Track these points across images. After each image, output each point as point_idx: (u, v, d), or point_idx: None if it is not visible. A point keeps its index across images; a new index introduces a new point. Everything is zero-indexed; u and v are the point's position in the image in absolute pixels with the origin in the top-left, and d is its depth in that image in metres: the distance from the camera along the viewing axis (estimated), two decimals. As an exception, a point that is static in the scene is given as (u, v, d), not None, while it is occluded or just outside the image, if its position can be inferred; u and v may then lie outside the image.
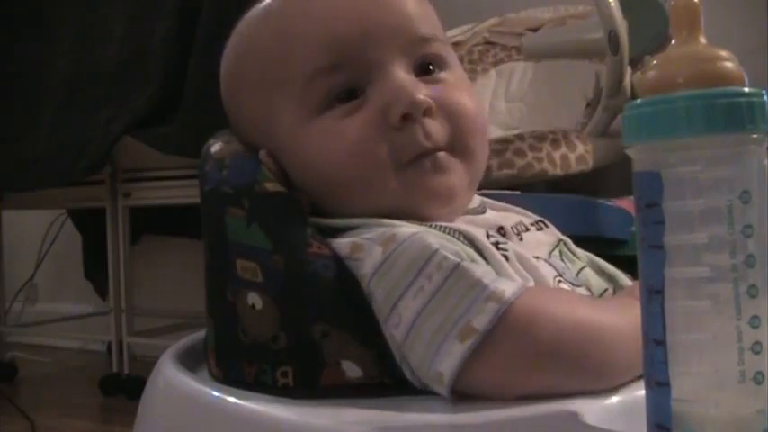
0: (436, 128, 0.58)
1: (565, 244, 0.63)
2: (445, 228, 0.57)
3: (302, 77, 0.58)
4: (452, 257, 0.50)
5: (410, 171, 0.58)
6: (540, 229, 0.63)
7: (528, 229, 0.62)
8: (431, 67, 0.61)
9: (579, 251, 0.64)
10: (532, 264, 0.57)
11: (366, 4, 0.59)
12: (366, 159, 0.57)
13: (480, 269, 0.50)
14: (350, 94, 0.58)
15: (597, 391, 0.48)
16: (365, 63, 0.58)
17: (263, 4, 0.63)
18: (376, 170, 0.57)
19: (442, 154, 0.59)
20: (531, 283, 0.55)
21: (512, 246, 0.58)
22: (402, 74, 0.58)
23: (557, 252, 0.61)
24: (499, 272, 0.53)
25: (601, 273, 0.64)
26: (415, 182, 0.58)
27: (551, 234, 0.64)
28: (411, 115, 0.57)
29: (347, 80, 0.58)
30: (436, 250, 0.50)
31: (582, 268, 0.62)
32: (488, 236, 0.58)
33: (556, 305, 0.50)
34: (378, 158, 0.57)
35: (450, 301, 0.49)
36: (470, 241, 0.56)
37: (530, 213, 0.64)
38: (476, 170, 0.62)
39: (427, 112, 0.58)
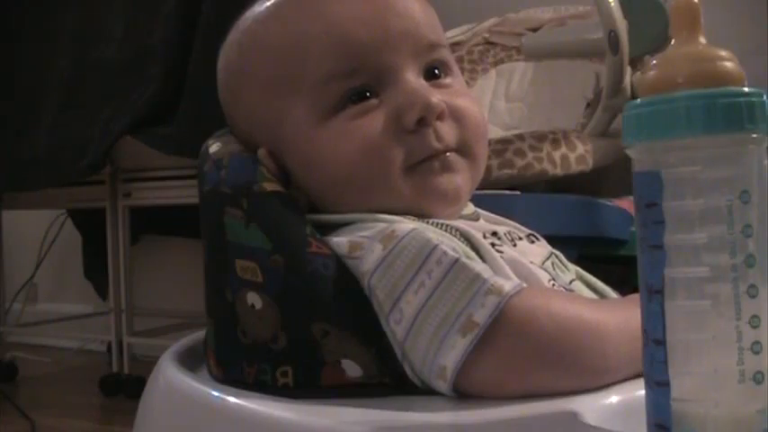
0: (447, 130, 0.59)
1: (556, 256, 0.64)
2: (442, 224, 0.57)
3: (317, 80, 0.59)
4: (452, 253, 0.51)
5: (418, 171, 0.59)
6: (532, 242, 0.64)
7: (521, 239, 0.63)
8: (436, 72, 0.62)
9: (570, 265, 0.65)
10: (527, 267, 0.57)
11: (381, 10, 0.60)
12: (378, 160, 0.58)
13: (479, 265, 0.51)
14: (362, 96, 0.59)
15: (596, 389, 0.48)
16: (380, 67, 0.59)
17: (273, 2, 0.63)
18: (386, 172, 0.58)
19: (450, 154, 0.60)
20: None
21: (506, 249, 0.58)
22: (415, 78, 0.60)
23: (549, 263, 0.62)
24: (496, 270, 0.53)
25: (590, 287, 0.64)
26: (423, 182, 0.59)
27: (543, 246, 0.64)
28: (425, 119, 0.58)
29: (362, 84, 0.59)
30: (436, 246, 0.51)
31: (572, 280, 0.63)
32: (485, 236, 0.58)
33: (554, 302, 0.50)
34: (389, 160, 0.58)
35: (451, 296, 0.49)
36: (467, 239, 0.57)
37: (521, 227, 0.65)
38: (478, 174, 0.63)
39: (440, 116, 0.59)
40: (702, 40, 0.39)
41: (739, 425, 0.37)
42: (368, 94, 0.59)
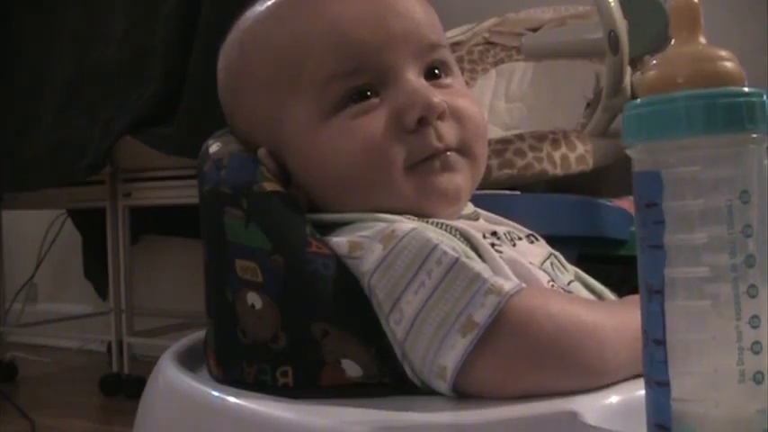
0: (447, 130, 0.59)
1: (555, 257, 0.64)
2: (442, 224, 0.58)
3: (318, 80, 0.59)
4: (452, 252, 0.51)
5: (419, 171, 0.59)
6: (531, 242, 0.64)
7: (521, 239, 0.63)
8: (437, 72, 0.62)
9: (569, 266, 0.65)
10: (527, 267, 0.57)
11: (381, 10, 0.60)
12: (379, 159, 0.58)
13: (478, 265, 0.51)
14: (363, 95, 0.59)
15: (596, 389, 0.48)
16: (381, 67, 0.59)
17: (274, 2, 0.63)
18: (387, 171, 0.58)
19: (451, 154, 0.60)
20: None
21: (506, 249, 0.58)
22: (416, 78, 0.60)
23: (548, 264, 0.62)
24: (495, 270, 0.53)
25: (588, 288, 0.64)
26: (424, 181, 0.59)
27: (542, 247, 0.64)
28: (426, 118, 0.58)
29: (363, 84, 0.59)
30: (436, 245, 0.51)
31: (571, 281, 0.63)
32: (484, 236, 0.58)
33: (553, 302, 0.50)
34: (390, 159, 0.58)
35: (452, 296, 0.49)
36: (467, 239, 0.57)
37: (521, 227, 0.65)
38: (478, 173, 0.63)
39: (441, 116, 0.59)
40: (702, 40, 0.39)
41: (739, 425, 0.37)
42: (369, 93, 0.59)
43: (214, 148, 0.62)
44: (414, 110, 0.58)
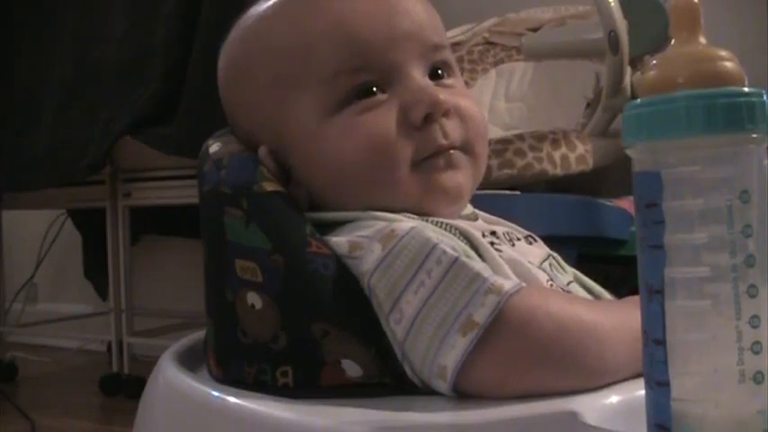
0: (452, 128, 0.60)
1: (554, 258, 0.64)
2: (442, 223, 0.58)
3: (323, 77, 0.59)
4: (451, 252, 0.51)
5: (423, 168, 0.59)
6: (530, 243, 0.64)
7: (519, 239, 0.63)
8: (439, 72, 0.62)
9: (567, 267, 0.65)
10: (526, 267, 0.57)
11: (385, 10, 0.60)
12: (385, 155, 0.58)
13: (478, 264, 0.51)
14: (368, 91, 0.59)
15: (596, 389, 0.48)
16: (385, 66, 0.59)
17: (275, 0, 0.63)
18: (393, 167, 0.58)
19: (455, 152, 0.60)
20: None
21: (505, 248, 0.58)
22: (421, 77, 0.60)
23: (546, 264, 0.62)
24: (495, 269, 0.53)
25: (587, 290, 0.64)
26: (427, 178, 0.59)
27: (541, 248, 0.64)
28: (432, 115, 0.59)
29: (368, 81, 0.59)
30: (435, 245, 0.51)
31: (570, 282, 0.63)
32: (483, 236, 0.58)
33: (553, 302, 0.50)
34: (397, 155, 0.58)
35: (451, 296, 0.49)
36: (467, 238, 0.57)
37: (519, 228, 0.65)
38: (479, 173, 0.64)
39: (446, 114, 0.59)
40: (702, 40, 0.39)
41: (739, 425, 0.37)
42: (374, 89, 0.59)
43: (214, 148, 0.62)
44: (420, 106, 0.58)
